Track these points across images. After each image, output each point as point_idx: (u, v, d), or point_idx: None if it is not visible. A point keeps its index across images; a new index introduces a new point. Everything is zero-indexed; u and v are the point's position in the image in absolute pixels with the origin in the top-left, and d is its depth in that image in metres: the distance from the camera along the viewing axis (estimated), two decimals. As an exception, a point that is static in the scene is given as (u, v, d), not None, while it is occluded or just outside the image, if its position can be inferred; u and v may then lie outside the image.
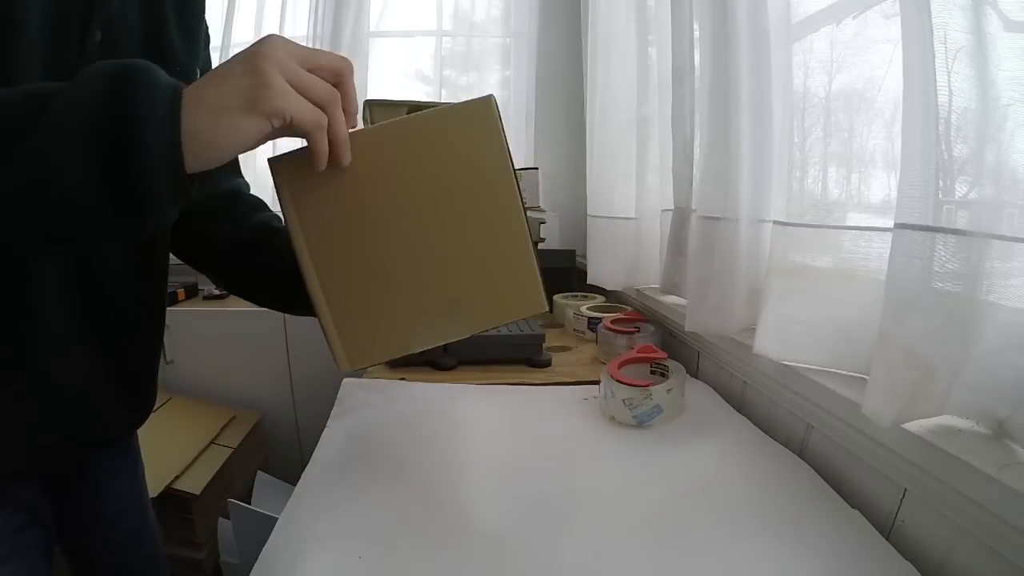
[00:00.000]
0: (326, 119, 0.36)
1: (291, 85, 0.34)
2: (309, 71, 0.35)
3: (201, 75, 0.56)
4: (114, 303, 0.50)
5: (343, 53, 1.47)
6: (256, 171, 1.63)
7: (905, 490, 0.47)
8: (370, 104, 1.31)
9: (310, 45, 1.50)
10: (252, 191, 0.63)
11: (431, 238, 0.44)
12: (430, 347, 0.46)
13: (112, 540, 0.63)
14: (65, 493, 0.58)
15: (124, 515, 0.64)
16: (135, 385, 0.57)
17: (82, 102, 0.30)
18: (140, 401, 0.59)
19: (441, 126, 0.43)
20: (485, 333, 0.51)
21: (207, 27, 0.57)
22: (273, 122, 0.33)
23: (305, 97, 0.34)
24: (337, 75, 0.37)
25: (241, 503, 1.10)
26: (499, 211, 0.44)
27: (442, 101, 1.50)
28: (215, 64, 0.61)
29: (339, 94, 0.36)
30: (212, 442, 1.34)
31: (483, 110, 0.43)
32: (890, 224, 0.43)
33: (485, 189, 0.44)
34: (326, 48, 1.47)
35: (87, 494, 0.60)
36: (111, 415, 0.56)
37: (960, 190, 0.40)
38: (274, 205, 0.64)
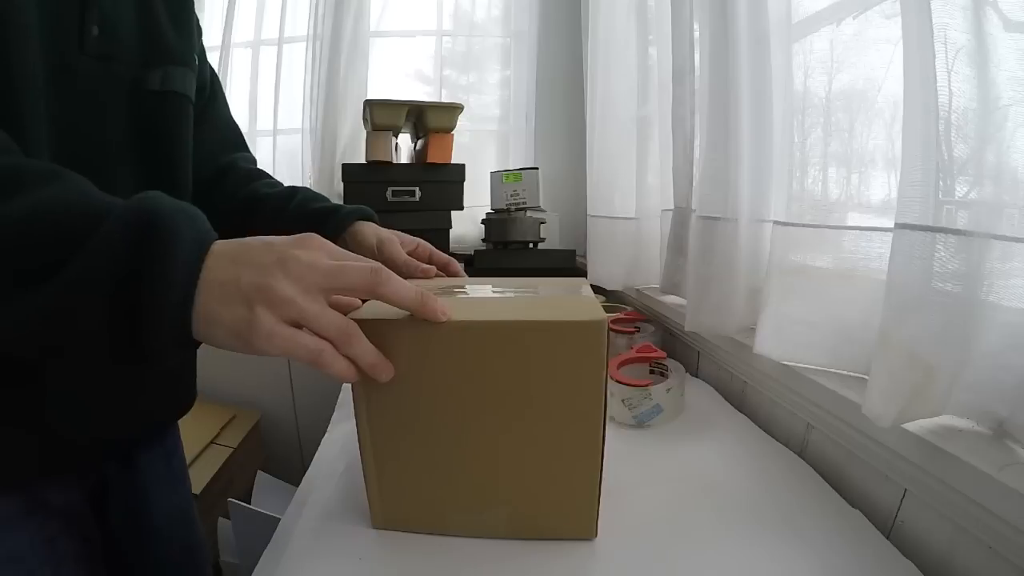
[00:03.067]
0: (327, 353, 0.34)
1: (292, 321, 0.33)
2: (337, 290, 0.35)
3: (199, 62, 0.57)
4: None
5: (343, 53, 1.48)
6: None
7: (905, 490, 0.47)
8: (370, 104, 1.31)
9: (310, 46, 1.51)
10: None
11: (499, 440, 0.42)
12: (466, 535, 0.45)
13: (164, 559, 0.60)
14: (110, 504, 0.55)
15: (173, 531, 0.61)
16: (172, 376, 0.56)
17: (100, 267, 0.30)
18: (180, 393, 0.58)
19: (545, 339, 0.39)
20: None
21: (197, 19, 0.58)
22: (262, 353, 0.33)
23: (314, 331, 0.33)
24: (369, 291, 0.35)
25: (241, 503, 1.10)
26: (578, 435, 0.42)
27: (442, 101, 1.50)
28: (207, 54, 0.62)
29: (352, 327, 0.35)
30: (212, 442, 1.34)
31: (595, 335, 0.39)
32: (890, 224, 0.43)
33: (570, 410, 0.41)
34: (326, 49, 1.47)
35: (131, 506, 0.57)
36: (148, 408, 0.54)
37: (960, 190, 0.40)
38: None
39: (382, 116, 1.32)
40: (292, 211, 0.58)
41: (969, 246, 0.39)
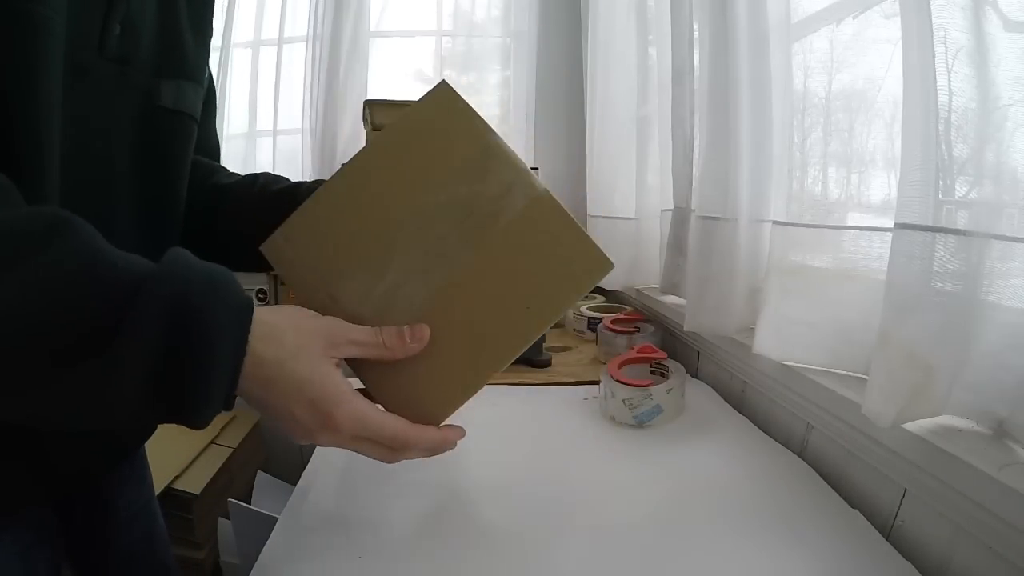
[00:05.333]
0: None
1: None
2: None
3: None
4: None
5: (343, 53, 1.47)
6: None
7: (905, 490, 0.47)
8: (370, 104, 1.31)
9: (310, 46, 1.51)
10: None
11: (470, 257, 0.39)
12: (506, 365, 0.42)
13: (125, 550, 0.61)
14: (74, 507, 0.56)
15: (135, 523, 0.62)
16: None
17: (141, 354, 0.30)
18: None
19: (414, 126, 0.40)
20: None
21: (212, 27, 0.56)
22: None
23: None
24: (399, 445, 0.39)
25: (241, 503, 1.10)
26: (507, 191, 0.39)
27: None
28: (212, 67, 0.61)
29: (399, 444, 0.39)
30: (212, 442, 1.34)
31: (445, 98, 0.39)
32: (890, 224, 0.43)
33: (482, 177, 0.39)
34: (326, 49, 1.48)
35: (97, 506, 0.58)
36: (129, 434, 0.55)
37: (960, 190, 0.40)
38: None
39: (382, 116, 1.32)
40: (255, 196, 0.57)
41: (969, 246, 0.39)
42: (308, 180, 0.61)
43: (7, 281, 0.28)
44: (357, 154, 0.42)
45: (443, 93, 0.40)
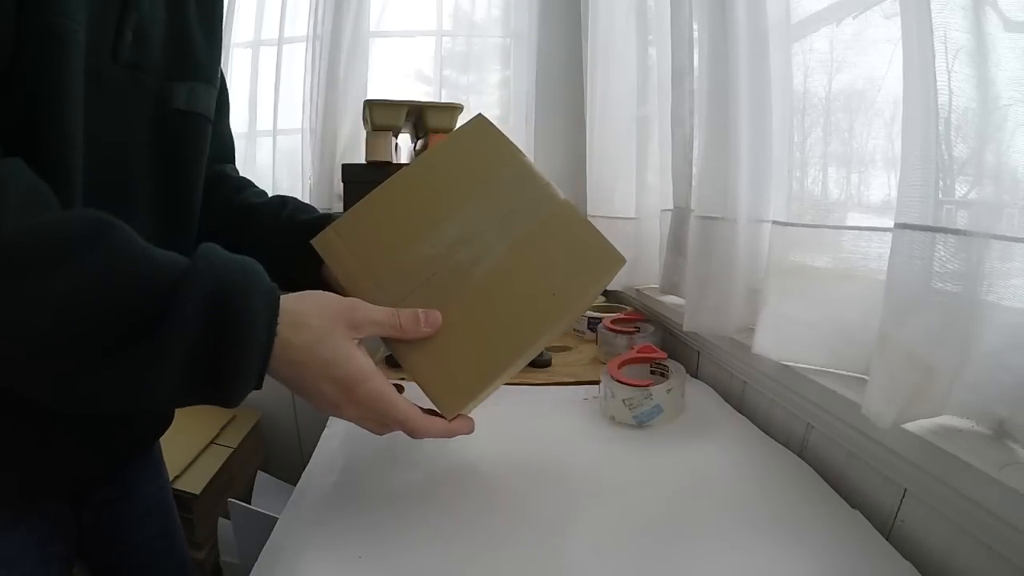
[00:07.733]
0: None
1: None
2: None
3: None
4: None
5: (343, 53, 1.48)
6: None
7: (905, 490, 0.47)
8: (370, 104, 1.31)
9: (310, 46, 1.51)
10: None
11: (499, 250, 0.45)
12: (526, 348, 0.46)
13: (142, 548, 0.61)
14: (89, 502, 0.56)
15: (152, 520, 0.62)
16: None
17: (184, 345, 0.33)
18: (167, 415, 0.59)
19: (457, 143, 0.47)
20: None
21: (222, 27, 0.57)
22: None
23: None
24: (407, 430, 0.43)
25: (241, 503, 1.10)
26: (537, 201, 0.46)
27: (442, 101, 1.50)
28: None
29: (408, 426, 0.43)
30: (212, 442, 1.34)
31: (482, 126, 0.47)
32: (890, 224, 0.43)
33: (516, 188, 0.46)
34: (326, 49, 1.48)
35: (114, 500, 0.58)
36: (142, 427, 0.55)
37: (960, 190, 0.40)
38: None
39: (382, 116, 1.32)
40: (284, 223, 0.58)
41: (969, 246, 0.39)
42: (336, 213, 0.62)
43: (60, 279, 0.30)
44: (403, 168, 0.48)
45: (480, 122, 0.48)
